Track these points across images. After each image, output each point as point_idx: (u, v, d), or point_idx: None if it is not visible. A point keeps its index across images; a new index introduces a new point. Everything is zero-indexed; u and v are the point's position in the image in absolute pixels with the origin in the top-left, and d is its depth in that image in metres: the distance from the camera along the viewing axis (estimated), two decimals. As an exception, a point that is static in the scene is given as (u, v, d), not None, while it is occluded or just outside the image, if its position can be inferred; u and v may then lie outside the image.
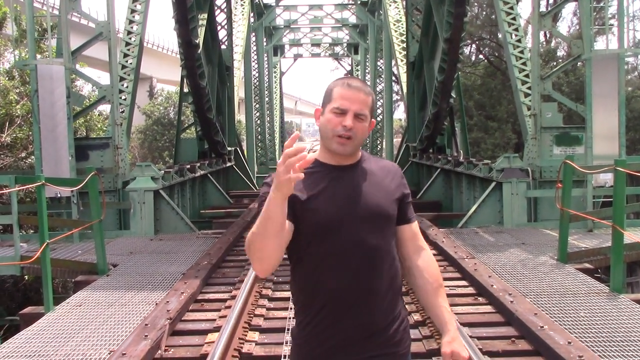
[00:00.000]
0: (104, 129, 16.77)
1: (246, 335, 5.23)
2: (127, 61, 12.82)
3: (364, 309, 2.10)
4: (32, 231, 12.28)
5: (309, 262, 2.12)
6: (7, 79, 14.96)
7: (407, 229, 2.27)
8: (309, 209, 2.08)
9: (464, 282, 6.79)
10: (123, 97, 12.13)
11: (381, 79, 32.97)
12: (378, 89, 34.80)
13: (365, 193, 2.14)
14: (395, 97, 34.78)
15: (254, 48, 34.13)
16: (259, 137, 33.83)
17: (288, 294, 5.72)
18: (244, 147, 27.21)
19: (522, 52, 12.27)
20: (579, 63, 14.92)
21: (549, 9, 15.33)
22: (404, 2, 21.34)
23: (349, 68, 48.33)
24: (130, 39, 13.05)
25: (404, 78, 21.36)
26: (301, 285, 2.17)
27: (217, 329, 5.28)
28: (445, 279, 6.89)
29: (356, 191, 2.14)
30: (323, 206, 2.09)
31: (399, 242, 2.27)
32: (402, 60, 21.95)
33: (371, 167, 2.21)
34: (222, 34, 17.81)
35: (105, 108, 15.88)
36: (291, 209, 2.06)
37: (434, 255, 8.31)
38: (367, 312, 2.10)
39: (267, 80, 37.44)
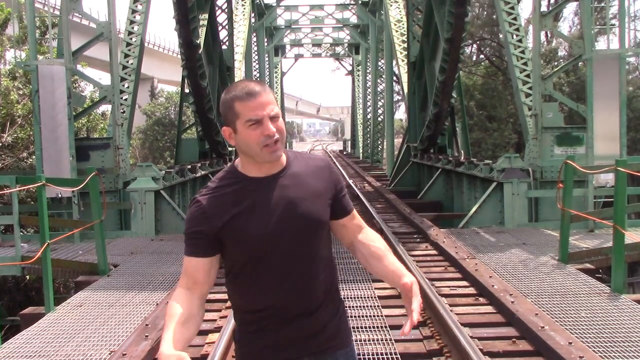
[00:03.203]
0: (106, 129, 16.78)
1: (247, 336, 5.21)
2: (128, 61, 12.83)
3: (304, 315, 2.12)
4: (33, 231, 12.29)
5: (246, 279, 2.10)
6: (9, 79, 14.97)
7: (346, 220, 2.24)
8: (240, 229, 2.05)
9: (464, 283, 6.79)
10: (124, 98, 12.14)
11: (382, 79, 32.97)
12: (379, 89, 34.82)
13: (296, 203, 2.09)
14: (396, 97, 34.75)
15: (255, 48, 34.17)
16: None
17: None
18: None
19: (523, 52, 12.26)
20: (580, 63, 14.91)
21: (550, 8, 15.34)
22: (405, 2, 21.34)
23: (349, 68, 48.38)
24: (131, 39, 13.06)
25: (404, 78, 21.36)
26: (238, 292, 2.16)
27: (217, 329, 5.29)
28: (446, 279, 6.93)
29: (287, 203, 2.08)
30: (254, 224, 2.05)
31: (341, 232, 2.25)
32: (403, 60, 21.96)
33: (300, 170, 2.15)
34: (223, 34, 17.80)
35: (107, 108, 15.89)
36: (216, 240, 2.07)
37: (435, 255, 8.41)
38: (306, 317, 2.12)
39: (268, 80, 37.48)
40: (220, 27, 17.48)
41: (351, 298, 6.16)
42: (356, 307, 5.88)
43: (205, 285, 2.12)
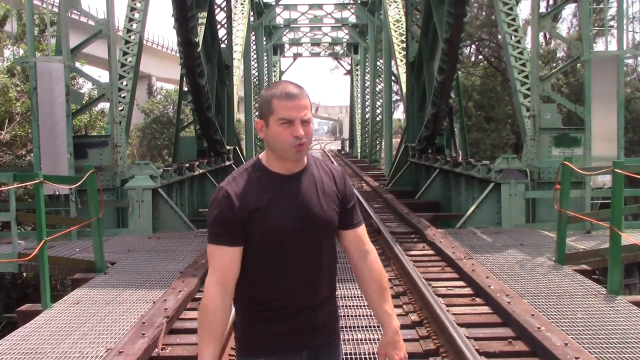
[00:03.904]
0: (105, 126, 16.75)
1: (243, 334, 5.21)
2: (126, 59, 12.82)
3: (308, 309, 2.23)
4: (30, 229, 12.27)
5: (260, 267, 2.20)
6: (7, 76, 14.95)
7: (350, 234, 2.34)
8: (262, 220, 2.15)
9: (461, 283, 6.79)
10: (122, 95, 12.13)
11: (380, 79, 32.97)
12: (377, 89, 34.81)
13: (313, 203, 2.21)
14: (394, 97, 34.77)
15: (254, 47, 34.13)
16: (258, 136, 33.81)
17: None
18: (243, 146, 27.22)
19: (521, 53, 12.28)
20: (578, 64, 14.93)
21: (549, 10, 15.33)
22: (404, 2, 21.35)
23: (348, 67, 48.37)
24: (129, 37, 13.05)
25: (403, 78, 21.37)
26: (247, 282, 2.23)
27: (214, 328, 5.27)
28: (442, 280, 6.93)
29: (305, 200, 2.21)
30: (275, 217, 2.16)
31: (344, 245, 2.36)
32: (401, 60, 21.97)
33: (317, 173, 2.28)
34: (221, 32, 17.78)
35: (106, 106, 15.86)
36: (242, 229, 2.15)
37: (432, 255, 8.39)
38: (310, 312, 2.23)
39: (266, 79, 37.46)
40: (219, 26, 17.47)
41: (348, 297, 6.17)
42: (353, 306, 5.88)
43: (236, 277, 2.20)
